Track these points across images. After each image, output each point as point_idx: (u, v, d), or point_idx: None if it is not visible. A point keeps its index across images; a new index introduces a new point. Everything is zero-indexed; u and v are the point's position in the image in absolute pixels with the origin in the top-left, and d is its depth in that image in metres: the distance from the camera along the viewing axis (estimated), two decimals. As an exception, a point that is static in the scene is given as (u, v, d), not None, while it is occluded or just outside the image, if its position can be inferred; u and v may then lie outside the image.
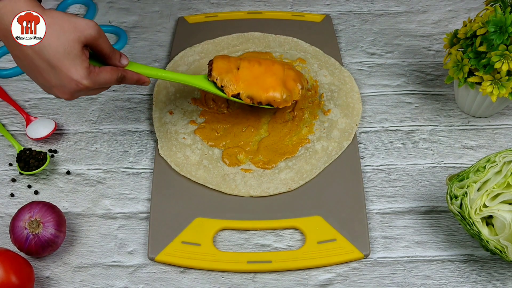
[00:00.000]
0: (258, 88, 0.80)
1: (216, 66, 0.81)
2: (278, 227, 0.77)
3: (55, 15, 0.67)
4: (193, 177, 0.81)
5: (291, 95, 0.81)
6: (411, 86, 0.93)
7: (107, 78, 0.70)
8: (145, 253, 0.75)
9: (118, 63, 0.73)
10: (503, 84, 0.78)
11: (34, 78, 0.70)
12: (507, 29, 0.75)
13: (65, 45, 0.65)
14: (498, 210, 0.68)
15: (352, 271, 0.73)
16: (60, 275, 0.74)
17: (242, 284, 0.73)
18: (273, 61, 0.84)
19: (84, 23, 0.67)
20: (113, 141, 0.87)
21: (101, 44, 0.69)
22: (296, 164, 0.82)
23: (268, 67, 0.82)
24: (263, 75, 0.81)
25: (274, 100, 0.81)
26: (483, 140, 0.86)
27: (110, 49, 0.71)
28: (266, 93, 0.80)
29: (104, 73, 0.70)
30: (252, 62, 0.82)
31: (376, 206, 0.79)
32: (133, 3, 1.06)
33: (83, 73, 0.67)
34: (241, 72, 0.81)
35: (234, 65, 0.81)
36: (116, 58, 0.73)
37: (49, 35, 0.65)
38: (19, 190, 0.81)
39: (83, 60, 0.67)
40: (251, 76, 0.81)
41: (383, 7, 1.05)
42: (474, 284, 0.72)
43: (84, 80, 0.67)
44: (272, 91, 0.80)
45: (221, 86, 0.80)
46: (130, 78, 0.74)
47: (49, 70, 0.66)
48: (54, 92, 0.70)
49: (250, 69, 0.81)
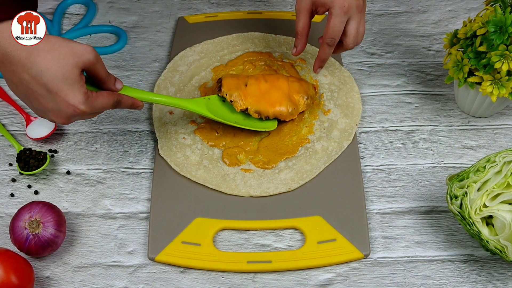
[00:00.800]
0: (265, 103, 0.84)
1: (226, 82, 0.84)
2: (278, 227, 0.77)
3: (53, 41, 0.66)
4: (193, 177, 0.81)
5: (296, 108, 0.84)
6: (411, 86, 0.93)
7: (104, 103, 0.70)
8: (145, 253, 0.75)
9: (113, 87, 0.73)
10: (503, 84, 0.78)
11: (28, 103, 0.69)
12: (507, 29, 0.75)
13: (64, 70, 0.65)
14: (498, 210, 0.68)
15: (352, 271, 0.73)
16: (60, 275, 0.74)
17: (242, 284, 0.73)
18: (278, 76, 0.86)
19: (82, 48, 0.67)
20: (113, 141, 0.87)
21: (98, 69, 0.69)
22: (296, 164, 0.82)
23: (274, 82, 0.85)
24: (270, 91, 0.84)
25: (280, 114, 0.84)
26: (483, 140, 0.86)
27: (106, 73, 0.71)
28: (273, 108, 0.84)
29: (101, 98, 0.70)
30: (259, 79, 0.85)
31: (376, 206, 0.79)
32: (133, 3, 1.06)
33: (81, 99, 0.67)
34: (249, 89, 0.84)
35: (243, 82, 0.84)
36: (111, 82, 0.73)
37: (48, 60, 0.65)
38: (19, 190, 0.81)
39: (81, 85, 0.67)
40: (259, 92, 0.84)
41: (383, 7, 1.05)
42: (474, 284, 0.72)
43: (82, 106, 0.67)
44: (278, 106, 0.84)
45: (231, 101, 0.83)
46: (125, 102, 0.74)
47: (46, 95, 0.66)
48: (49, 116, 0.69)
49: (258, 86, 0.84)
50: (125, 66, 0.96)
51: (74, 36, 1.00)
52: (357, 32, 0.80)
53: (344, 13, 0.77)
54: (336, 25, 0.78)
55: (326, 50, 0.83)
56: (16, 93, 0.69)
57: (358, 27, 0.80)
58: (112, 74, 0.73)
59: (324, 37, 0.81)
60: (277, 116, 0.84)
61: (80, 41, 1.00)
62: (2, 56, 0.66)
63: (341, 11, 0.77)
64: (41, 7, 1.04)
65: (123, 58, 0.97)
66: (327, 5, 0.78)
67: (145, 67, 0.96)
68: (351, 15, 0.78)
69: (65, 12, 1.05)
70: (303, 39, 0.84)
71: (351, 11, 0.78)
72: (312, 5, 0.81)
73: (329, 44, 0.81)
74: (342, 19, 0.78)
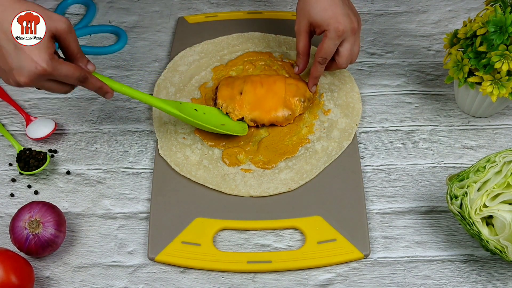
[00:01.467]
0: (261, 110, 0.85)
1: (220, 94, 0.86)
2: (278, 227, 0.77)
3: (29, 4, 0.68)
4: (193, 177, 0.81)
5: (292, 112, 0.85)
6: (411, 86, 0.93)
7: (69, 71, 0.70)
8: (145, 253, 0.75)
9: (84, 67, 0.73)
10: (503, 84, 0.78)
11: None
12: (507, 29, 0.75)
13: None
14: (498, 210, 0.68)
15: (352, 271, 0.73)
16: (60, 275, 0.74)
17: (242, 284, 0.73)
18: (275, 78, 0.87)
19: (57, 16, 0.69)
20: (113, 141, 0.87)
21: (69, 40, 0.70)
22: (296, 164, 0.82)
23: (270, 87, 0.86)
24: (265, 97, 0.85)
25: (276, 120, 0.85)
26: (483, 140, 0.86)
27: (78, 50, 0.72)
28: (269, 115, 0.85)
29: (67, 66, 0.70)
30: (255, 83, 0.86)
31: (376, 206, 0.79)
32: (133, 3, 1.06)
33: (45, 57, 0.67)
34: (244, 97, 0.85)
35: (237, 90, 0.86)
36: (83, 61, 0.73)
37: None
38: (19, 190, 0.81)
39: (49, 47, 0.68)
40: (254, 99, 0.85)
41: (383, 7, 1.05)
42: (474, 284, 0.72)
43: (44, 64, 0.67)
44: (274, 112, 0.85)
45: (226, 112, 0.85)
46: (92, 83, 0.74)
47: (12, 51, 0.67)
48: (12, 76, 0.69)
49: (253, 92, 0.85)
50: (125, 66, 0.96)
51: (74, 36, 1.00)
52: (350, 53, 0.83)
53: (338, 36, 0.80)
54: (329, 47, 0.81)
55: (318, 68, 0.85)
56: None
57: (351, 48, 0.83)
58: (86, 56, 0.74)
59: (316, 56, 0.83)
60: (272, 122, 0.85)
61: (80, 41, 1.00)
62: None
63: (335, 35, 0.80)
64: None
65: (123, 58, 0.97)
66: (323, 28, 0.80)
67: (145, 67, 0.96)
68: (346, 37, 0.81)
69: (65, 12, 1.05)
70: (304, 58, 0.87)
71: (346, 34, 0.80)
72: (310, 26, 0.83)
73: (321, 62, 0.84)
74: (335, 42, 0.81)
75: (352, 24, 0.80)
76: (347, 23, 0.79)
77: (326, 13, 0.79)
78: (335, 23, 0.79)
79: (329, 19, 0.79)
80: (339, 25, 0.79)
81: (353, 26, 0.80)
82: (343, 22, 0.79)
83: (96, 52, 0.98)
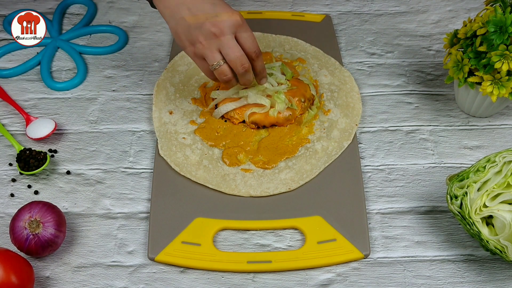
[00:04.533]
0: (261, 112, 0.84)
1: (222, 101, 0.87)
2: (278, 227, 0.77)
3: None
4: (193, 177, 0.81)
5: (292, 113, 0.85)
6: (411, 86, 0.93)
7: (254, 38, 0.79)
8: (145, 253, 0.75)
9: None
10: (503, 84, 0.78)
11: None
12: (507, 29, 0.75)
13: None
14: (498, 210, 0.68)
15: (352, 271, 0.73)
16: (60, 275, 0.74)
17: (242, 284, 0.73)
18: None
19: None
20: (113, 141, 0.87)
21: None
22: (296, 164, 0.82)
23: None
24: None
25: (277, 122, 0.85)
26: (483, 140, 0.86)
27: None
28: (269, 116, 0.85)
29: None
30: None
31: (376, 206, 0.79)
32: (133, 3, 1.06)
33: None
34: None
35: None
36: None
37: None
38: (19, 190, 0.81)
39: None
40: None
41: (383, 7, 1.05)
42: (474, 284, 0.72)
43: (241, 18, 0.75)
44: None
45: (228, 118, 0.86)
46: (261, 62, 0.80)
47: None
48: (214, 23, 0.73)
49: None
50: (125, 66, 0.96)
51: (74, 36, 1.00)
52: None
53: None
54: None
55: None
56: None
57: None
58: None
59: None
60: (273, 123, 0.85)
61: (80, 41, 1.00)
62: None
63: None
64: (41, 7, 1.04)
65: (123, 58, 0.97)
66: None
67: (145, 67, 0.96)
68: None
69: (65, 12, 1.05)
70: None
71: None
72: None
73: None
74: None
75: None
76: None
77: None
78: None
79: None
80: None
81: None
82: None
83: (96, 52, 0.98)
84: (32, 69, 0.95)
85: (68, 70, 0.96)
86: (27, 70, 0.95)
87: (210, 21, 0.73)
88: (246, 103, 0.85)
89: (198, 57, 0.77)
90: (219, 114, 0.86)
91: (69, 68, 0.96)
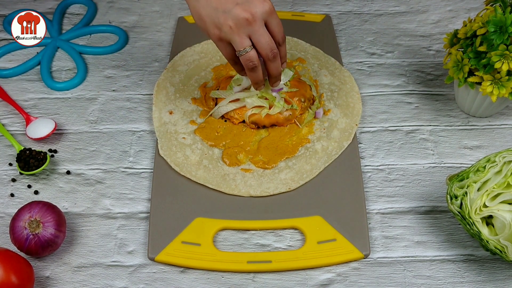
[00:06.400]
0: (261, 113, 0.84)
1: (221, 98, 0.86)
2: (278, 227, 0.77)
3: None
4: (193, 177, 0.81)
5: (292, 113, 0.85)
6: (411, 86, 0.93)
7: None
8: (145, 253, 0.75)
9: None
10: (503, 84, 0.78)
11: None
12: (507, 29, 0.75)
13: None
14: (498, 210, 0.68)
15: (352, 271, 0.73)
16: (60, 275, 0.74)
17: (242, 284, 0.73)
18: None
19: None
20: (113, 141, 0.87)
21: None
22: (296, 164, 0.82)
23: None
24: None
25: (277, 121, 0.85)
26: (483, 140, 0.86)
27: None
28: (269, 116, 0.85)
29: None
30: None
31: (376, 206, 0.79)
32: (133, 3, 1.06)
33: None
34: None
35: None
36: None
37: None
38: (19, 190, 0.81)
39: None
40: None
41: (383, 7, 1.05)
42: (474, 284, 0.72)
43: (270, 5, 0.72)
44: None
45: (228, 118, 0.86)
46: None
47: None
48: (236, 9, 0.71)
49: None
50: (125, 66, 0.96)
51: (74, 36, 1.00)
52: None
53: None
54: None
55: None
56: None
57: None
58: None
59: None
60: (273, 123, 0.85)
61: (80, 41, 1.00)
62: None
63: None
64: (41, 7, 1.04)
65: (123, 58, 0.97)
66: None
67: (145, 67, 0.96)
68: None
69: (65, 12, 1.05)
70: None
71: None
72: None
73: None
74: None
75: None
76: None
77: None
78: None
79: None
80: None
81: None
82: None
83: (96, 52, 0.98)
84: (32, 69, 0.95)
85: (68, 70, 0.96)
86: (27, 70, 0.95)
87: (241, 6, 0.72)
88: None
89: (222, 41, 0.75)
90: (219, 114, 0.86)
91: (69, 68, 0.96)
